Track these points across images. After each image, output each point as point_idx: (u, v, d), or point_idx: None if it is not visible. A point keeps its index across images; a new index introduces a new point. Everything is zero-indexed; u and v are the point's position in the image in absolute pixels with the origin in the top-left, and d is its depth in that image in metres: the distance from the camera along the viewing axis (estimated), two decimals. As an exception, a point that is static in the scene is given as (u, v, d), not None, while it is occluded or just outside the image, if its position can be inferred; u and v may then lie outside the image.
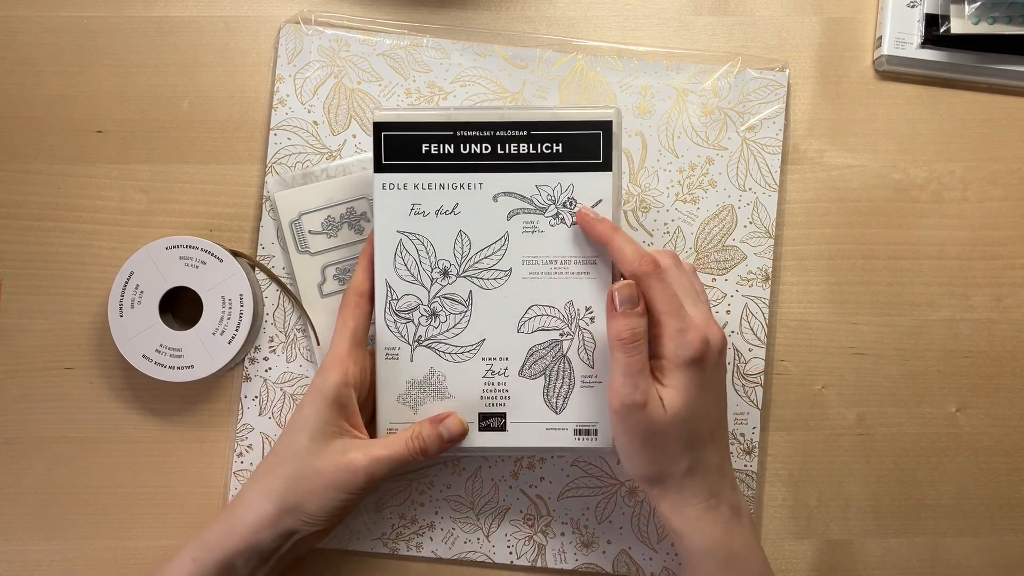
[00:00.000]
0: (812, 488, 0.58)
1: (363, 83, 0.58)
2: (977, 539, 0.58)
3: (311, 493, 0.48)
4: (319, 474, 0.48)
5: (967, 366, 0.58)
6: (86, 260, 0.57)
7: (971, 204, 0.59)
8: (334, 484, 0.48)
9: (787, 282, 0.58)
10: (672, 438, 0.47)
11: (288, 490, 0.48)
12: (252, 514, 0.49)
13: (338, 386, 0.49)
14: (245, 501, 0.49)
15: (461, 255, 0.50)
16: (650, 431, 0.46)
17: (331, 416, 0.49)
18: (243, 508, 0.49)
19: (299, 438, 0.49)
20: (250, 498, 0.49)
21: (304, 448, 0.49)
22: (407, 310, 0.51)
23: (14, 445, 0.57)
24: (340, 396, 0.49)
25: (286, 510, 0.48)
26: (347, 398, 0.50)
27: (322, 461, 0.48)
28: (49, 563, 0.57)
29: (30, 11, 0.58)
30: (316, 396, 0.49)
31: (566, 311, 0.50)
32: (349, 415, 0.50)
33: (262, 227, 0.57)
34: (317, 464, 0.48)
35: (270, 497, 0.49)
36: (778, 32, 0.59)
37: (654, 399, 0.46)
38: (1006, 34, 0.56)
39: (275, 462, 0.50)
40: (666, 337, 0.47)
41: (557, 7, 0.59)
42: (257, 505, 0.49)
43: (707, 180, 0.58)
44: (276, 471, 0.49)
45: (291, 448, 0.49)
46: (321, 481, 0.48)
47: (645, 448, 0.47)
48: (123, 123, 0.58)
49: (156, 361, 0.54)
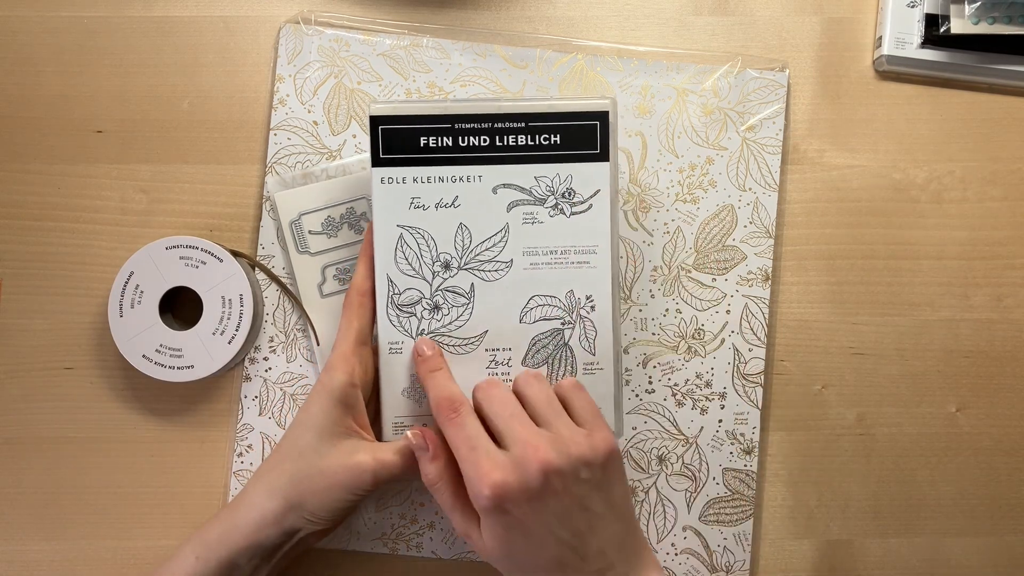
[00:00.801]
0: (812, 488, 0.58)
1: (363, 83, 0.58)
2: (977, 539, 0.58)
3: (315, 492, 0.48)
4: (324, 474, 0.48)
5: (967, 366, 0.58)
6: (86, 260, 0.57)
7: (971, 204, 0.59)
8: (340, 484, 0.48)
9: (787, 282, 0.58)
10: (507, 570, 0.47)
11: (292, 488, 0.48)
12: (256, 512, 0.49)
13: (344, 386, 0.49)
14: (248, 499, 0.49)
15: (462, 248, 0.51)
16: (487, 558, 0.46)
17: (338, 415, 0.49)
18: (246, 506, 0.49)
19: (305, 436, 0.49)
20: (254, 496, 0.49)
21: (310, 447, 0.49)
22: (409, 304, 0.51)
23: (14, 445, 0.57)
24: (347, 396, 0.49)
25: (290, 508, 0.48)
26: (354, 398, 0.50)
27: (328, 461, 0.48)
28: (49, 563, 0.57)
29: (30, 11, 0.58)
30: (323, 395, 0.49)
31: (567, 300, 0.51)
32: (356, 414, 0.50)
33: (262, 227, 0.57)
34: (323, 464, 0.48)
35: (274, 495, 0.49)
36: (778, 32, 0.59)
37: (476, 532, 0.46)
38: (1006, 34, 0.56)
39: (279, 460, 0.50)
40: (468, 479, 0.45)
41: (557, 7, 0.59)
42: (261, 503, 0.49)
43: (707, 180, 0.58)
44: (280, 469, 0.49)
45: (297, 446, 0.49)
46: (326, 481, 0.48)
47: (501, 563, 0.47)
48: (123, 123, 0.58)
49: (156, 361, 0.54)
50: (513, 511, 0.44)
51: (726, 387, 0.57)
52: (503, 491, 0.44)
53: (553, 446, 0.45)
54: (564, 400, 0.48)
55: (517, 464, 0.44)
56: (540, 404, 0.47)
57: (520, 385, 0.48)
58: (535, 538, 0.45)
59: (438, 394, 0.48)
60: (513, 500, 0.44)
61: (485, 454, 0.45)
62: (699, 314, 0.57)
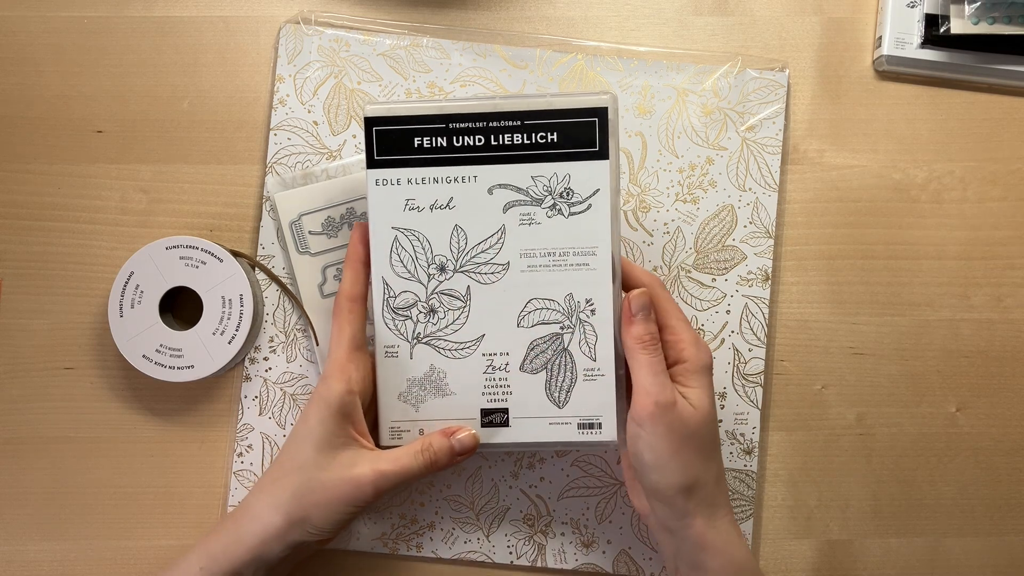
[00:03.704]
0: (812, 488, 0.58)
1: (363, 83, 0.58)
2: (977, 539, 0.58)
3: (317, 507, 0.48)
4: (326, 488, 0.48)
5: (967, 366, 0.58)
6: (86, 260, 0.57)
7: (971, 204, 0.59)
8: (341, 498, 0.48)
9: (787, 282, 0.58)
10: (705, 439, 0.47)
11: (295, 503, 0.48)
12: (259, 525, 0.48)
13: (342, 395, 0.49)
14: (251, 512, 0.49)
15: (458, 250, 0.50)
16: (685, 432, 0.47)
17: (336, 426, 0.49)
18: (249, 519, 0.49)
19: (305, 449, 0.49)
20: (256, 509, 0.49)
21: (310, 460, 0.48)
22: (405, 307, 0.50)
23: (14, 445, 0.57)
24: (345, 405, 0.49)
25: (293, 523, 0.48)
26: (352, 406, 0.49)
27: (328, 474, 0.48)
28: (49, 563, 0.57)
29: (30, 11, 0.58)
30: (321, 406, 0.49)
31: (566, 304, 0.50)
32: (355, 423, 0.50)
33: (262, 227, 0.57)
34: (323, 477, 0.48)
35: (278, 510, 0.48)
36: (778, 32, 0.59)
37: (681, 399, 0.47)
38: (1006, 34, 0.56)
39: (281, 473, 0.49)
40: (686, 343, 0.49)
41: (557, 7, 0.59)
42: (264, 517, 0.48)
43: (707, 180, 0.58)
44: (282, 482, 0.49)
45: (297, 459, 0.49)
46: (327, 495, 0.48)
47: (681, 451, 0.47)
48: (123, 123, 0.58)
49: (156, 361, 0.54)
50: (712, 377, 0.50)
51: (726, 387, 0.57)
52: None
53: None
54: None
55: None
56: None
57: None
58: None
59: (641, 269, 0.52)
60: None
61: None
62: (699, 314, 0.57)
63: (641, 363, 0.48)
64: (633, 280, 0.50)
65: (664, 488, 0.47)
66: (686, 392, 0.48)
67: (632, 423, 0.48)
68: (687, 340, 0.49)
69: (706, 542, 0.47)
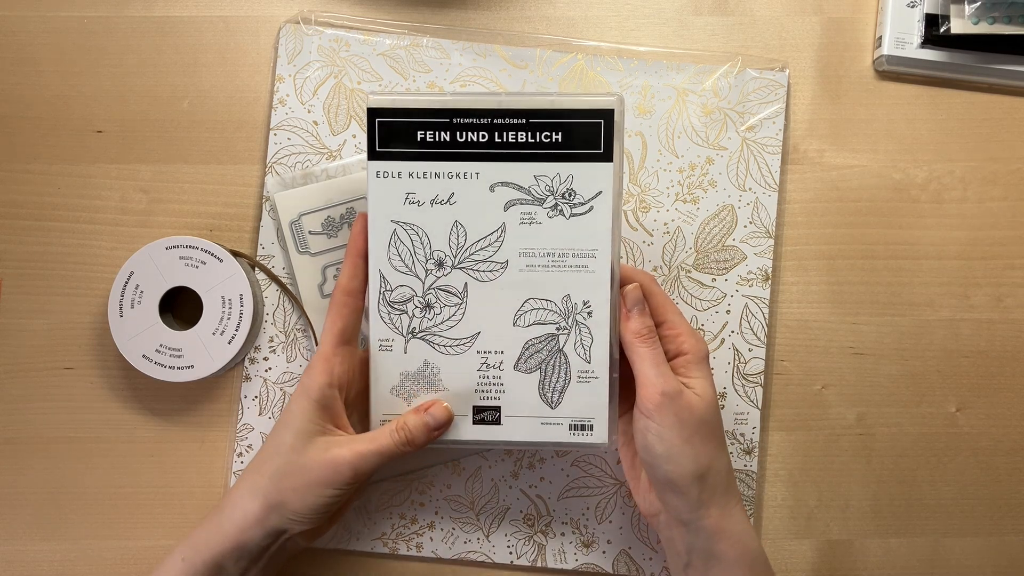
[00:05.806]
0: (812, 488, 0.58)
1: (363, 83, 0.58)
2: (977, 539, 0.58)
3: (295, 490, 0.48)
4: (303, 471, 0.48)
5: (967, 366, 0.58)
6: (86, 260, 0.57)
7: (971, 204, 0.59)
8: (319, 480, 0.48)
9: (787, 282, 0.58)
10: (713, 426, 0.48)
11: (272, 487, 0.48)
12: (239, 512, 0.49)
13: (322, 387, 0.49)
14: (232, 500, 0.49)
15: (456, 246, 0.50)
16: (693, 420, 0.47)
17: (315, 416, 0.49)
18: (230, 507, 0.49)
19: (284, 436, 0.49)
20: (236, 497, 0.49)
21: (288, 446, 0.49)
22: (401, 301, 0.50)
23: (14, 445, 0.57)
24: (324, 397, 0.49)
25: (271, 508, 0.48)
26: (331, 399, 0.49)
27: (306, 458, 0.48)
28: (49, 563, 0.57)
29: (30, 11, 0.58)
30: (302, 396, 0.49)
31: (563, 305, 0.50)
32: (334, 416, 0.50)
33: (262, 227, 0.57)
34: (301, 461, 0.48)
35: (255, 496, 0.48)
36: (778, 32, 0.59)
37: (685, 389, 0.48)
38: (1006, 34, 0.56)
39: (261, 460, 0.50)
40: (684, 335, 0.50)
41: (557, 7, 0.59)
42: (243, 504, 0.49)
43: (707, 180, 0.58)
44: (261, 469, 0.49)
45: (276, 446, 0.49)
46: (305, 478, 0.48)
47: (692, 439, 0.47)
48: (123, 123, 0.58)
49: (156, 361, 0.54)
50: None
51: (726, 387, 0.57)
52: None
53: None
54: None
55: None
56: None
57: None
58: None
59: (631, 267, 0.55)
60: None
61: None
62: (699, 314, 0.57)
63: (642, 356, 0.48)
64: (625, 278, 0.51)
65: (678, 478, 0.47)
66: (689, 383, 0.49)
67: (640, 416, 0.48)
68: (685, 332, 0.50)
69: (722, 531, 0.47)
